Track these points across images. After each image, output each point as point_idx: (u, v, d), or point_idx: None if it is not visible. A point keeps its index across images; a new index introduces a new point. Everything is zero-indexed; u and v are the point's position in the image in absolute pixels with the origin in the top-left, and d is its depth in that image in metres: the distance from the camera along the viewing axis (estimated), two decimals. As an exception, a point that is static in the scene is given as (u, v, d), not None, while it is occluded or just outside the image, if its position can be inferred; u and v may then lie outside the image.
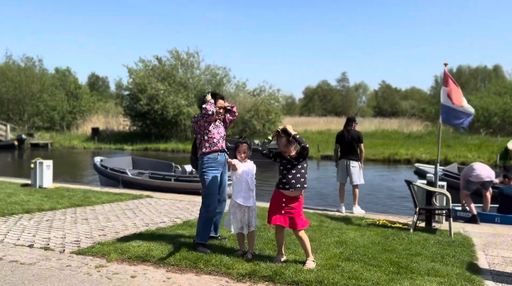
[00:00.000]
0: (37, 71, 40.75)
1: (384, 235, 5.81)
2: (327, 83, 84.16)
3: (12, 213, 6.78)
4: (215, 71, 36.34)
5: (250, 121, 31.94)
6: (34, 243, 4.91)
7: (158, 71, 34.32)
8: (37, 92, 37.91)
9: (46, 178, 10.61)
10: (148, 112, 32.11)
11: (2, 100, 37.44)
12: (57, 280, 3.75)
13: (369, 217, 7.61)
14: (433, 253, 4.82)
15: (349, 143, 8.27)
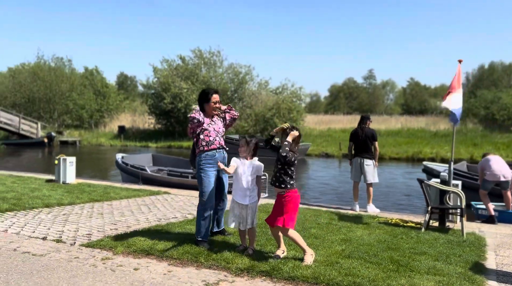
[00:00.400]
0: (66, 71, 42.03)
1: (393, 233, 5.76)
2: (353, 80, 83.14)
3: (33, 207, 7.07)
4: (238, 69, 36.55)
5: (272, 120, 31.95)
6: (48, 236, 5.12)
7: (182, 70, 34.82)
8: (66, 91, 39.11)
9: (69, 174, 10.98)
10: (172, 111, 32.65)
11: (33, 99, 38.82)
12: (63, 271, 3.91)
13: (383, 215, 7.54)
14: (438, 252, 4.75)
15: (363, 141, 8.20)
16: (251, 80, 37.13)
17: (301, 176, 18.63)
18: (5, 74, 43.68)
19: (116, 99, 43.27)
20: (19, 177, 11.80)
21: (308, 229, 5.68)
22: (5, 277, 3.71)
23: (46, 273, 3.84)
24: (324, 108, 76.93)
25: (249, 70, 37.03)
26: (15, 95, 38.65)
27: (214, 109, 4.83)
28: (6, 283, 3.59)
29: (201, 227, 4.66)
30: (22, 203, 7.25)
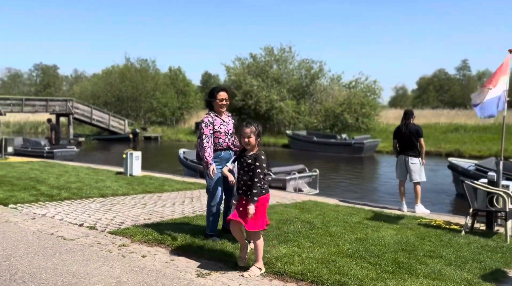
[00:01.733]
0: (151, 71, 45.06)
1: (421, 235, 5.46)
2: (445, 72, 77.81)
3: (89, 196, 7.83)
4: (310, 65, 36.25)
5: (342, 115, 31.21)
6: (85, 223, 5.68)
7: (253, 68, 35.48)
8: (150, 91, 41.94)
9: (135, 167, 11.89)
10: (243, 107, 33.44)
11: (122, 98, 42.23)
12: (81, 254, 4.35)
13: (430, 217, 7.15)
14: (459, 257, 4.42)
15: (408, 138, 7.81)
16: (323, 75, 36.64)
17: (366, 173, 18.06)
18: (99, 76, 48.10)
19: (196, 98, 45.37)
20: (95, 169, 13.04)
21: (329, 227, 5.60)
22: (31, 257, 4.23)
23: (66, 255, 4.31)
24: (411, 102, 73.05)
25: (321, 65, 36.57)
26: (106, 95, 42.36)
27: (221, 106, 4.89)
28: (29, 262, 4.09)
29: (210, 222, 4.81)
30: (81, 193, 8.05)
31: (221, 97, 4.88)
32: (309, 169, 12.23)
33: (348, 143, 23.95)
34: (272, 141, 30.39)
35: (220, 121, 4.93)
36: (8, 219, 5.79)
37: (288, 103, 33.41)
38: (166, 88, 43.19)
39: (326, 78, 37.84)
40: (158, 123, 41.91)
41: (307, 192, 11.36)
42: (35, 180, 9.52)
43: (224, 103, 4.90)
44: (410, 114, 7.94)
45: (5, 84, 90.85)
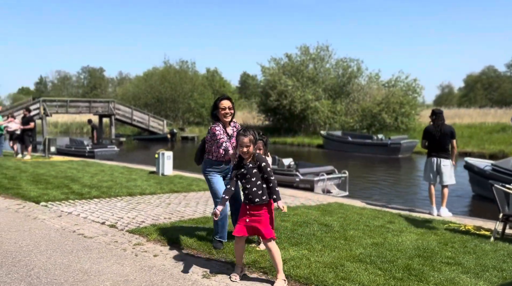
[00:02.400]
0: (190, 73, 45.93)
1: (445, 241, 5.23)
2: (494, 69, 74.20)
3: (117, 195, 8.07)
4: (347, 63, 35.64)
5: (380, 115, 30.42)
6: (107, 221, 5.86)
7: (288, 67, 35.33)
8: (188, 92, 42.77)
9: (167, 166, 12.17)
10: (278, 108, 33.38)
11: (161, 100, 43.32)
12: (96, 252, 4.49)
13: (460, 222, 6.86)
14: (479, 264, 4.20)
15: (440, 139, 7.51)
16: (360, 74, 35.92)
17: (402, 175, 17.51)
18: (140, 78, 49.59)
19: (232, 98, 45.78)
20: (130, 168, 13.45)
21: (346, 230, 5.48)
22: (50, 253, 4.42)
23: (83, 252, 4.46)
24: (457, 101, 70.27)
25: (358, 64, 35.87)
26: (146, 96, 43.60)
27: (224, 115, 4.63)
28: (47, 258, 4.27)
29: (216, 227, 4.65)
30: (110, 191, 8.31)
31: (223, 106, 4.61)
32: (342, 170, 12.03)
33: (384, 143, 23.32)
34: (306, 141, 30.13)
35: (226, 136, 4.64)
36: (37, 216, 6.07)
37: (323, 103, 33.03)
38: (204, 89, 43.90)
39: (364, 77, 37.13)
40: (195, 124, 42.66)
41: (336, 193, 11.18)
42: (70, 179, 9.93)
43: (227, 112, 4.62)
44: (441, 114, 7.64)
45: (55, 86, 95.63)
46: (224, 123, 4.66)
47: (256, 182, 3.72)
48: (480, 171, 11.40)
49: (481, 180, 11.13)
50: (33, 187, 8.42)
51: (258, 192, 3.71)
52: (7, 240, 4.85)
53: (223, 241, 4.66)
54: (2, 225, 5.56)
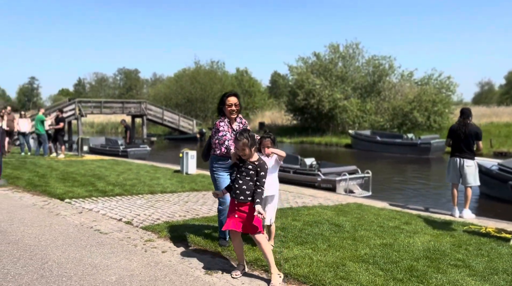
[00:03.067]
0: (219, 73, 46.44)
1: (459, 243, 5.10)
2: (538, 64, 70.74)
3: (139, 193, 8.31)
4: (378, 61, 34.96)
5: (411, 114, 29.67)
6: (124, 218, 6.06)
7: (316, 66, 35.05)
8: (217, 92, 43.24)
9: (191, 165, 12.40)
10: (305, 107, 33.18)
11: (191, 100, 44.03)
12: (109, 247, 4.67)
13: (482, 224, 6.65)
14: (489, 267, 4.08)
15: (465, 139, 7.31)
16: (392, 72, 35.16)
17: (431, 175, 17.06)
18: (171, 79, 50.57)
19: (261, 98, 45.97)
20: (156, 167, 13.78)
21: (357, 231, 5.43)
22: (65, 248, 4.63)
23: (96, 248, 4.65)
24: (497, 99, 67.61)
25: (391, 62, 35.12)
26: (177, 97, 44.42)
27: (230, 112, 4.68)
28: (62, 252, 4.48)
29: (220, 225, 4.73)
30: (133, 189, 8.57)
31: (229, 102, 4.67)
32: (370, 170, 11.89)
33: (414, 143, 22.75)
34: (334, 141, 29.82)
35: (231, 131, 4.71)
36: (59, 213, 6.35)
37: (352, 101, 32.57)
38: (233, 89, 44.29)
39: (396, 75, 36.34)
40: (224, 123, 43.06)
41: (359, 194, 11.04)
42: (97, 177, 10.28)
43: (234, 108, 4.67)
44: (469, 113, 7.42)
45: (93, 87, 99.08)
46: (230, 119, 4.73)
47: (248, 182, 3.75)
48: (487, 171, 11.32)
49: (488, 179, 11.07)
50: (60, 185, 8.80)
51: (246, 191, 3.73)
52: (28, 235, 5.11)
53: (227, 238, 4.73)
54: (26, 220, 5.86)
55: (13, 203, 7.07)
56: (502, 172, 10.85)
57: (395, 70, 35.63)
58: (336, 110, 32.36)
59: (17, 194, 7.87)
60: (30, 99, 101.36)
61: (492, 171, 11.18)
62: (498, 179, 10.80)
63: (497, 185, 10.71)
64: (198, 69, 46.11)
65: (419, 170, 18.04)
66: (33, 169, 11.51)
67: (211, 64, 46.97)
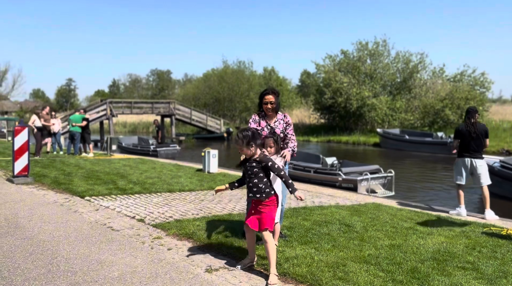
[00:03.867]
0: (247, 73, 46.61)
1: (474, 245, 4.92)
2: None
3: (157, 191, 8.46)
4: (408, 58, 34.09)
5: (443, 111, 28.76)
6: (137, 215, 6.18)
7: (344, 64, 34.56)
8: (245, 91, 43.44)
9: (212, 164, 12.51)
10: (333, 105, 32.78)
11: (219, 99, 44.41)
12: (117, 244, 4.78)
13: (504, 225, 6.40)
14: (498, 271, 3.92)
15: (476, 138, 7.16)
16: (423, 69, 34.19)
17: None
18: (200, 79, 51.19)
19: (289, 97, 45.81)
20: (179, 166, 13.98)
21: (367, 231, 5.33)
22: (76, 244, 4.77)
23: (105, 244, 4.77)
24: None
25: (422, 58, 34.16)
26: (205, 97, 44.92)
27: (266, 109, 4.82)
28: (72, 248, 4.62)
29: None
30: (152, 187, 8.73)
31: (265, 101, 4.84)
32: (398, 169, 11.78)
33: (444, 142, 22.06)
34: (362, 140, 29.33)
35: (265, 124, 4.88)
36: (77, 210, 6.56)
37: (381, 99, 31.91)
38: (260, 88, 44.33)
39: (428, 71, 35.33)
40: (252, 123, 43.21)
41: (381, 193, 10.82)
42: (120, 175, 10.54)
43: (269, 106, 4.81)
44: (475, 112, 7.27)
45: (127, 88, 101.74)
46: (267, 116, 4.86)
47: (259, 179, 3.81)
48: (490, 168, 10.96)
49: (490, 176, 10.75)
50: (83, 183, 9.07)
51: (259, 188, 3.81)
52: (43, 231, 5.30)
53: None
54: (44, 217, 6.08)
55: (36, 200, 7.35)
56: (504, 169, 10.82)
57: (427, 67, 34.66)
58: (364, 108, 31.80)
59: (42, 191, 8.17)
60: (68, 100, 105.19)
61: (494, 168, 11.11)
62: (500, 176, 10.78)
63: (499, 182, 10.69)
64: (226, 69, 46.46)
65: (447, 169, 17.49)
66: (60, 167, 11.93)
67: (239, 63, 47.25)
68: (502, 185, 10.76)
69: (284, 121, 4.90)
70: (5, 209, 6.50)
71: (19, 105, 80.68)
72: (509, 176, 10.52)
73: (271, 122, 4.86)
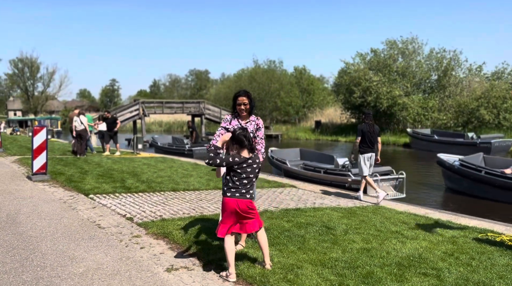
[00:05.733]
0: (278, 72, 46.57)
1: (454, 251, 4.75)
2: None
3: (162, 190, 8.66)
4: (442, 55, 32.86)
5: (477, 111, 27.51)
6: (128, 214, 6.37)
7: (374, 63, 33.79)
8: (275, 91, 43.40)
9: (226, 164, 12.66)
10: (362, 105, 32.12)
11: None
12: (96, 241, 4.97)
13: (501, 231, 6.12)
14: (462, 278, 3.78)
15: (374, 137, 8.72)
16: (458, 66, 32.85)
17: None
18: (231, 79, 51.66)
19: (320, 95, 45.35)
20: (197, 165, 14.20)
21: (347, 234, 5.25)
22: (59, 240, 5.00)
23: (85, 241, 4.97)
24: None
25: (456, 55, 32.85)
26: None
27: (239, 110, 4.86)
28: (53, 244, 4.85)
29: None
30: (157, 186, 8.94)
31: (238, 102, 4.86)
32: (424, 170, 11.74)
33: (474, 143, 21.14)
34: (391, 140, 28.59)
35: (236, 123, 4.97)
36: (76, 207, 6.85)
37: (413, 98, 30.96)
38: (291, 87, 44.18)
39: (463, 69, 33.93)
40: (282, 122, 43.13)
41: (392, 195, 10.55)
42: (133, 174, 10.86)
43: (242, 107, 4.83)
44: (370, 115, 8.82)
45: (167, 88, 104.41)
46: (240, 117, 4.92)
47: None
48: (450, 166, 12.22)
49: (451, 174, 12.02)
50: (93, 181, 9.43)
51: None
52: (35, 227, 5.59)
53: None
54: (43, 213, 6.39)
55: (43, 197, 7.73)
56: (463, 167, 11.74)
57: (462, 64, 33.27)
58: (395, 107, 30.98)
59: (52, 189, 8.57)
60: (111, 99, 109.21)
61: (454, 167, 12.05)
62: (459, 174, 11.73)
63: (458, 179, 11.58)
64: (257, 68, 46.63)
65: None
66: (80, 165, 12.42)
67: (269, 63, 47.26)
68: (461, 182, 11.64)
69: (256, 123, 4.92)
70: (11, 205, 6.89)
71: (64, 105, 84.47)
72: (467, 173, 11.45)
73: (243, 123, 4.92)
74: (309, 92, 44.76)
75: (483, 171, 11.09)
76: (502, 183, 10.51)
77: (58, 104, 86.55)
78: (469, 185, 11.46)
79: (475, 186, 11.25)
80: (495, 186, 10.61)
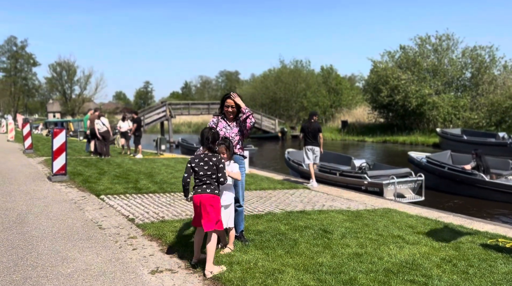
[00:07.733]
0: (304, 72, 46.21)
1: (453, 258, 4.54)
2: None
3: (172, 191, 8.75)
4: (477, 52, 31.59)
5: (511, 110, 26.29)
6: (131, 215, 6.46)
7: (403, 61, 32.89)
8: (302, 91, 43.08)
9: (243, 165, 12.67)
10: (390, 104, 31.36)
11: (275, 99, 44.51)
12: (93, 242, 5.05)
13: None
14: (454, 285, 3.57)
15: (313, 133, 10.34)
16: (493, 63, 31.50)
17: None
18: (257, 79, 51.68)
19: (349, 95, 44.64)
20: (215, 166, 14.30)
21: (343, 238, 5.11)
22: (58, 240, 5.12)
23: (82, 242, 5.07)
24: None
25: (492, 52, 31.52)
26: (262, 97, 45.29)
27: (226, 112, 4.93)
28: (51, 244, 4.97)
29: None
30: (168, 188, 9.04)
31: (226, 104, 4.94)
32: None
33: (504, 143, 20.21)
34: (420, 140, 27.79)
35: (224, 125, 5.01)
36: (84, 208, 7.00)
37: (444, 97, 29.94)
38: (318, 87, 43.74)
39: (498, 66, 32.53)
40: (309, 122, 42.82)
41: (410, 198, 10.25)
42: (148, 175, 11.03)
43: (230, 110, 4.91)
44: (313, 115, 10.53)
45: (198, 90, 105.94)
46: (228, 119, 4.99)
47: None
48: (418, 163, 13.11)
49: (420, 171, 12.28)
50: (108, 182, 9.62)
51: None
52: (40, 227, 5.75)
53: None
54: (52, 213, 6.57)
55: (57, 197, 7.95)
56: (429, 164, 12.69)
57: (497, 61, 31.84)
58: (424, 107, 30.05)
59: (68, 189, 8.81)
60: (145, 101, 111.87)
61: (421, 163, 12.97)
62: (426, 170, 12.49)
63: (426, 175, 11.79)
64: (283, 69, 46.46)
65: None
66: (101, 166, 12.72)
67: (295, 63, 46.95)
68: (428, 177, 11.93)
69: (243, 118, 4.91)
70: (24, 205, 7.12)
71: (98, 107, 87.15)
72: (433, 169, 12.37)
73: (231, 124, 4.95)
74: (337, 92, 44.14)
75: (446, 167, 12.06)
76: (463, 178, 11.36)
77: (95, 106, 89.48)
78: (435, 180, 12.27)
79: (440, 181, 12.12)
80: (456, 181, 11.48)
